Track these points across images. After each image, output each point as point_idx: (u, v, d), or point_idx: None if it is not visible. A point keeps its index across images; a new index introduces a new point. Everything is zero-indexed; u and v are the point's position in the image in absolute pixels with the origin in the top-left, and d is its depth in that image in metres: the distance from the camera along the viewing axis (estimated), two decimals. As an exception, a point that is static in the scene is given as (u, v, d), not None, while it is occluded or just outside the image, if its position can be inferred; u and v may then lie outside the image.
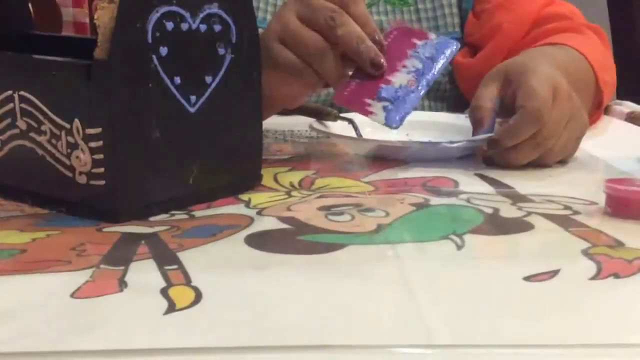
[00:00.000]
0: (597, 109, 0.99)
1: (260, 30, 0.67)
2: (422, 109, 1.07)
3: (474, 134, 0.79)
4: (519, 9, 1.04)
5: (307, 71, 0.74)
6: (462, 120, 0.87)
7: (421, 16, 1.07)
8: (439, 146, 0.79)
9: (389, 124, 0.74)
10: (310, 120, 0.88)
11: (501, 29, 1.03)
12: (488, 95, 0.79)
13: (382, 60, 0.74)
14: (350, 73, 0.76)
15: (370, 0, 1.05)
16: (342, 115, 0.88)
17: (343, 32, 0.72)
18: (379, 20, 1.05)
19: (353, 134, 0.86)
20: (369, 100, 0.75)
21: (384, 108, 0.74)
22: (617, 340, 0.42)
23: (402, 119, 0.74)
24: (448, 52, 0.77)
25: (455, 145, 0.78)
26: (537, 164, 0.77)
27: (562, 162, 0.79)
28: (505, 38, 1.02)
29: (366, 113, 0.75)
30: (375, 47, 0.74)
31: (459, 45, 0.78)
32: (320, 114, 0.88)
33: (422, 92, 0.75)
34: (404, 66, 0.75)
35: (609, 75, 0.98)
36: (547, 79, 0.76)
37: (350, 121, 0.87)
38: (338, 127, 0.86)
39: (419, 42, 0.76)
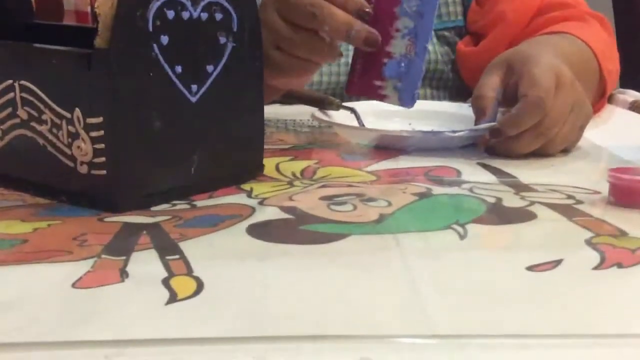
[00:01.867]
0: (601, 98, 0.98)
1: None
2: (425, 97, 1.07)
3: (476, 123, 0.79)
4: None
5: (310, 67, 0.78)
6: (464, 109, 0.87)
7: None
8: (441, 135, 0.79)
9: (404, 105, 0.78)
10: (313, 110, 0.88)
11: (504, 17, 1.02)
12: (490, 85, 0.79)
13: (375, 36, 0.75)
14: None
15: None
16: (344, 104, 0.87)
17: (330, 26, 0.74)
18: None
19: (355, 123, 0.86)
20: (378, 82, 0.77)
21: (395, 88, 0.77)
22: (620, 330, 0.42)
23: (414, 97, 0.78)
24: (434, 2, 0.77)
25: (457, 134, 0.78)
26: (540, 153, 0.77)
27: (565, 151, 0.79)
28: (509, 26, 1.02)
29: (381, 98, 0.78)
30: (365, 27, 0.75)
31: None
32: (322, 103, 0.88)
33: (423, 60, 0.77)
34: (397, 29, 0.76)
35: (612, 64, 0.97)
36: (549, 67, 0.75)
37: (353, 110, 0.87)
38: (340, 116, 0.86)
39: None
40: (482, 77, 0.80)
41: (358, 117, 0.86)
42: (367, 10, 0.75)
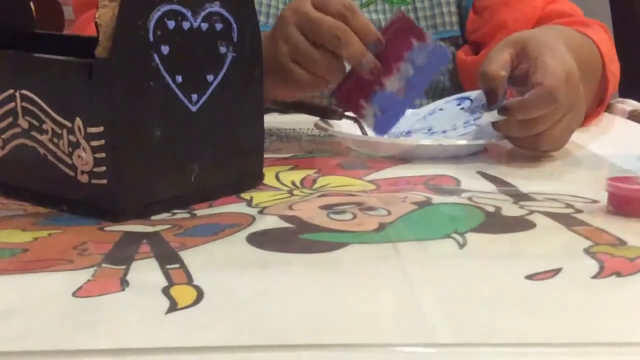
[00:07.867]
0: (602, 100, 0.98)
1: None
2: (422, 106, 1.06)
3: (489, 106, 0.78)
4: (522, 6, 1.04)
5: (321, 84, 0.82)
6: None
7: (419, 15, 1.06)
8: (444, 145, 0.79)
9: (375, 132, 0.83)
10: (314, 119, 0.88)
11: (505, 26, 1.02)
12: (501, 62, 0.78)
13: (379, 69, 0.79)
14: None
15: (368, -2, 1.05)
16: (346, 114, 0.88)
17: (349, 52, 0.78)
18: (377, 19, 1.04)
19: (359, 132, 0.86)
20: (363, 103, 0.81)
21: (374, 115, 0.82)
22: (619, 339, 0.42)
23: (387, 131, 0.82)
24: (439, 65, 0.83)
25: (461, 143, 0.78)
26: (530, 151, 0.77)
27: (550, 154, 0.79)
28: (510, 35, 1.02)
29: (360, 116, 0.83)
30: (374, 60, 0.78)
31: (451, 56, 0.82)
32: (325, 113, 0.88)
33: (407, 105, 0.82)
34: (398, 70, 0.80)
35: (615, 67, 0.97)
36: (563, 63, 0.76)
37: (356, 120, 0.87)
38: (343, 126, 0.86)
39: (415, 44, 0.80)
40: (491, 53, 0.79)
41: (361, 127, 0.86)
42: (382, 43, 0.79)
